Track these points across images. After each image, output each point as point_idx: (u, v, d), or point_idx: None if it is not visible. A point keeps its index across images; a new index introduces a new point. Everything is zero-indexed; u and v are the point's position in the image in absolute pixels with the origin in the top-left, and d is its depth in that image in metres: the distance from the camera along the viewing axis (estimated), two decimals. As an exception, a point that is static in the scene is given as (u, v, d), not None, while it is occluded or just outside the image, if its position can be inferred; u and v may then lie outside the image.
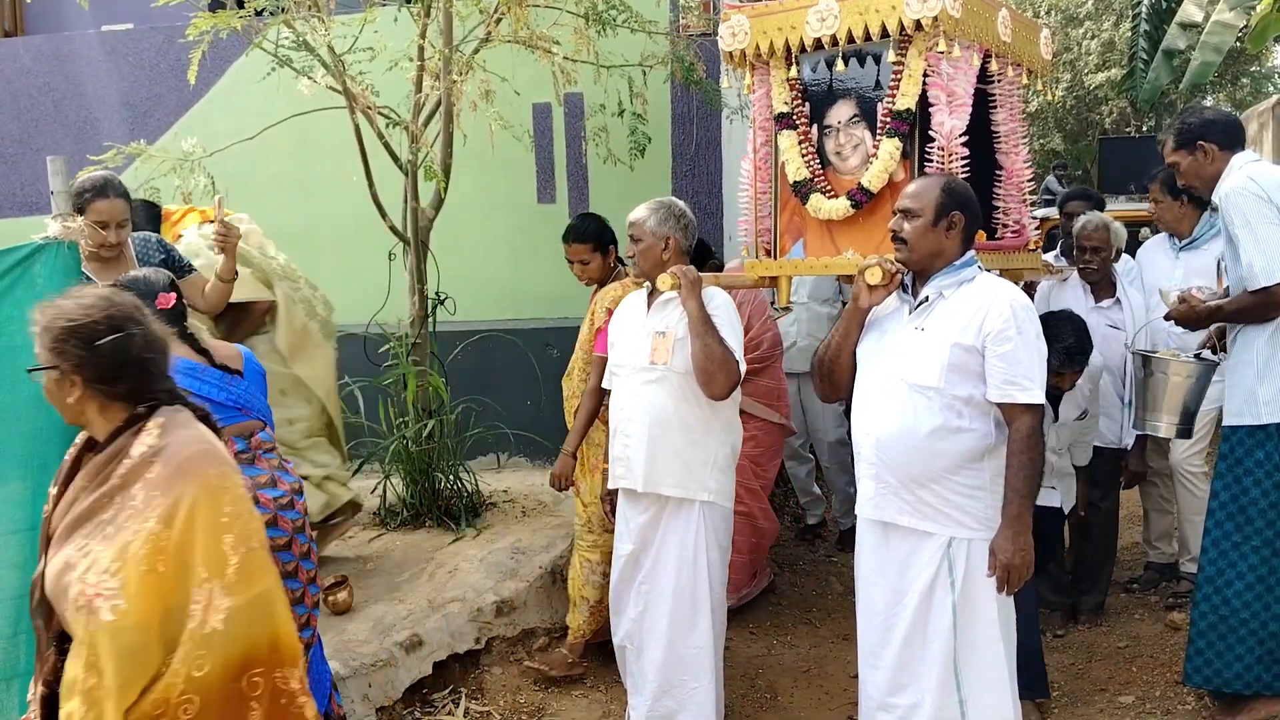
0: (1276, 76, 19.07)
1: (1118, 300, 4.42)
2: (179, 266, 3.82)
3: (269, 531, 2.61)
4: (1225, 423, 3.52)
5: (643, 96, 5.05)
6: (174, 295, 2.89)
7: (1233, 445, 3.43)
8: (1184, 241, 4.52)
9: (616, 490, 3.57)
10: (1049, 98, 4.93)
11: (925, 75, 3.08)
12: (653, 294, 3.45)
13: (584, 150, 5.60)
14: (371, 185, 4.66)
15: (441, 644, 3.89)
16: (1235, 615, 3.40)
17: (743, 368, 3.29)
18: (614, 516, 3.62)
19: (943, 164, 3.08)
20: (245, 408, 2.92)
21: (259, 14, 4.38)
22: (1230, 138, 3.44)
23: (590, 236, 4.22)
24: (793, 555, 5.53)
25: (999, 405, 2.83)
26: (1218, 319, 3.57)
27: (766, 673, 4.26)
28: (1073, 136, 20.37)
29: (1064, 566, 4.63)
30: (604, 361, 3.69)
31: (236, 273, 3.79)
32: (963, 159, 3.09)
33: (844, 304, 4.57)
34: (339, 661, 3.63)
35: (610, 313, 3.77)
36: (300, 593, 2.86)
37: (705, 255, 4.53)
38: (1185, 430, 3.86)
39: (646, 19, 4.86)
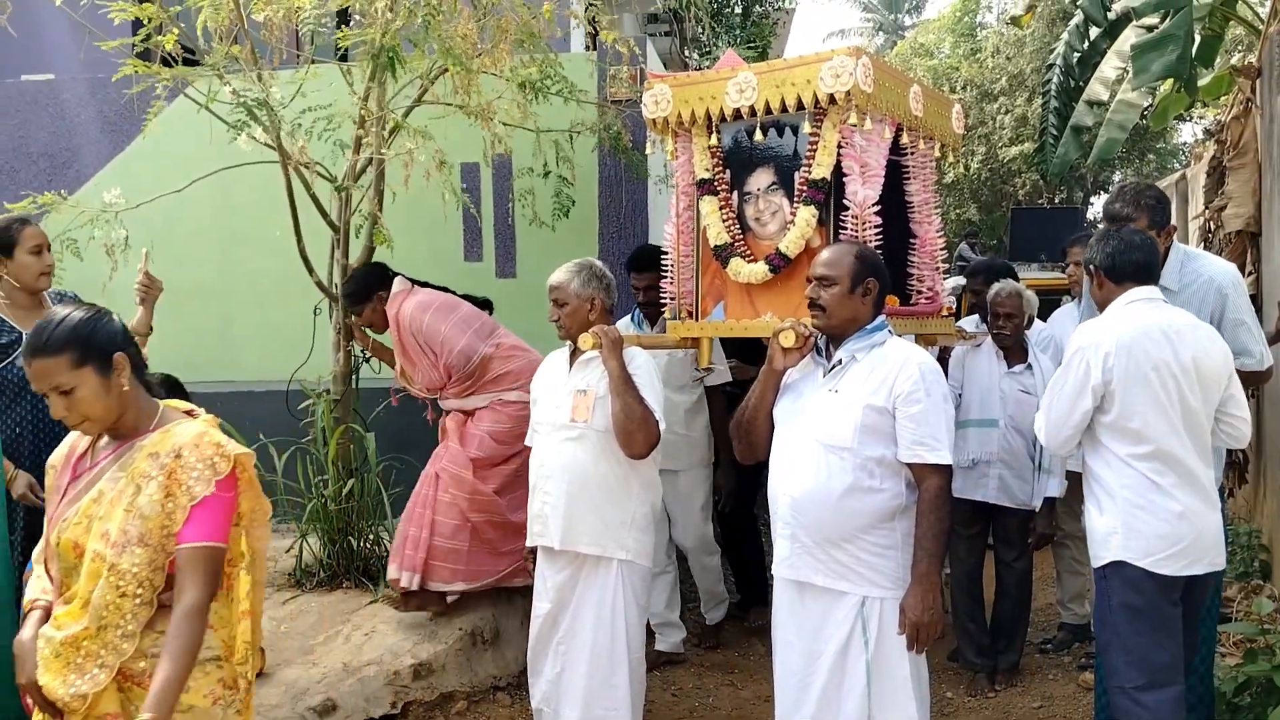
0: (1180, 154, 19.96)
1: (1029, 365, 4.56)
2: None
3: None
4: None
5: (570, 160, 5.13)
6: None
7: None
8: None
9: (535, 548, 3.56)
10: (962, 170, 5.11)
11: (840, 146, 3.19)
12: (575, 353, 3.48)
13: (510, 210, 5.65)
14: (300, 241, 4.64)
15: (356, 709, 3.80)
16: None
17: (662, 426, 3.32)
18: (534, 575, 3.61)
19: (856, 232, 3.18)
20: None
21: (187, 63, 4.37)
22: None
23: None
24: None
25: (909, 465, 2.91)
26: None
27: (689, 735, 4.24)
28: (987, 207, 21.04)
29: (984, 628, 4.70)
30: None
31: (152, 328, 3.74)
32: (876, 227, 3.20)
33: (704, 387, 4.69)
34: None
35: None
36: None
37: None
38: None
39: (576, 87, 4.95)
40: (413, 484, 5.14)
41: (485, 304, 4.72)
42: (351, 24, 4.49)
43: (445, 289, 4.61)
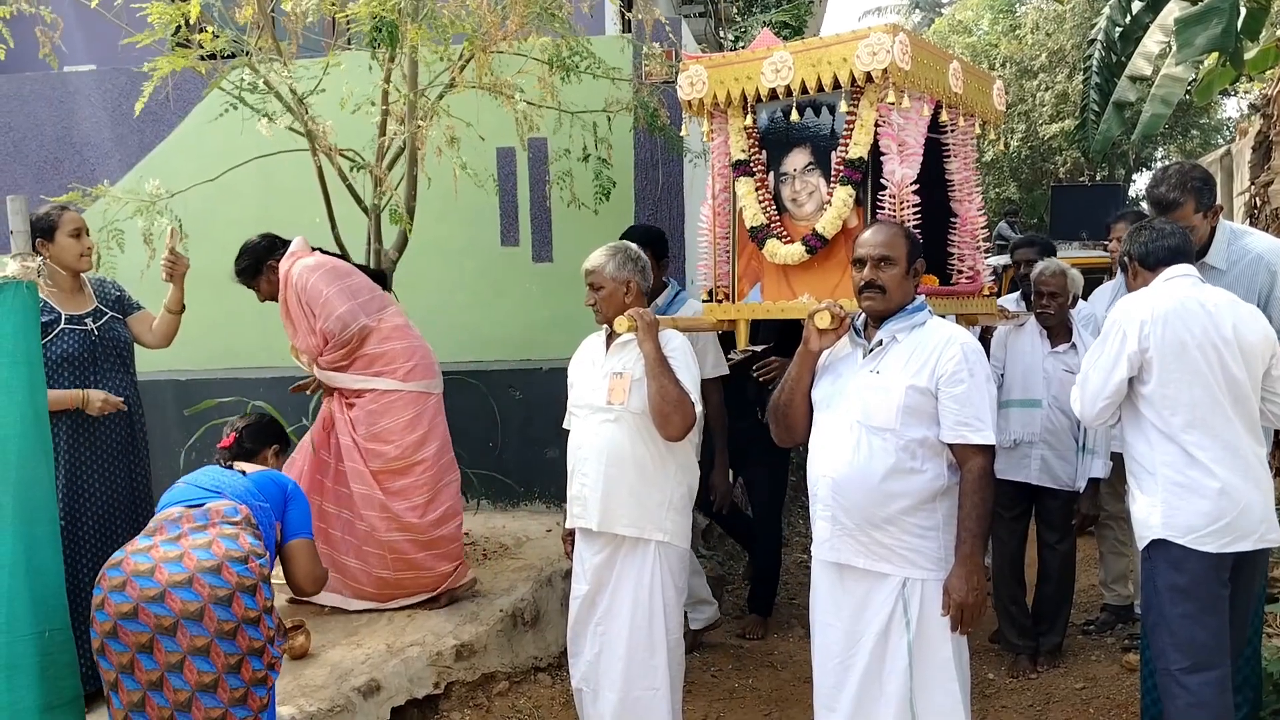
0: (1225, 129, 19.56)
1: (1073, 345, 4.50)
2: (129, 304, 3.89)
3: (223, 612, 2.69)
4: None
5: (607, 142, 5.12)
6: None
7: None
8: None
9: (574, 530, 3.58)
10: (1002, 148, 5.04)
11: (877, 125, 3.16)
12: (611, 335, 3.48)
13: (547, 194, 5.65)
14: (335, 227, 4.68)
15: (400, 689, 3.84)
16: None
17: (699, 409, 3.31)
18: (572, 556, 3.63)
19: (894, 211, 3.16)
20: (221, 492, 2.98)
21: (223, 57, 4.42)
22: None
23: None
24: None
25: (952, 446, 2.89)
26: None
27: (728, 715, 4.24)
28: (1028, 185, 20.76)
29: (1026, 610, 4.67)
30: None
31: (184, 305, 3.83)
32: (914, 206, 3.17)
33: None
34: (294, 707, 3.57)
35: None
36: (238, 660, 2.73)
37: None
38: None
39: (610, 66, 4.94)
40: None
41: (380, 277, 4.61)
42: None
43: (355, 263, 4.55)
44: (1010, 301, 4.85)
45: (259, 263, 4.39)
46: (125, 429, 3.76)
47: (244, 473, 3.04)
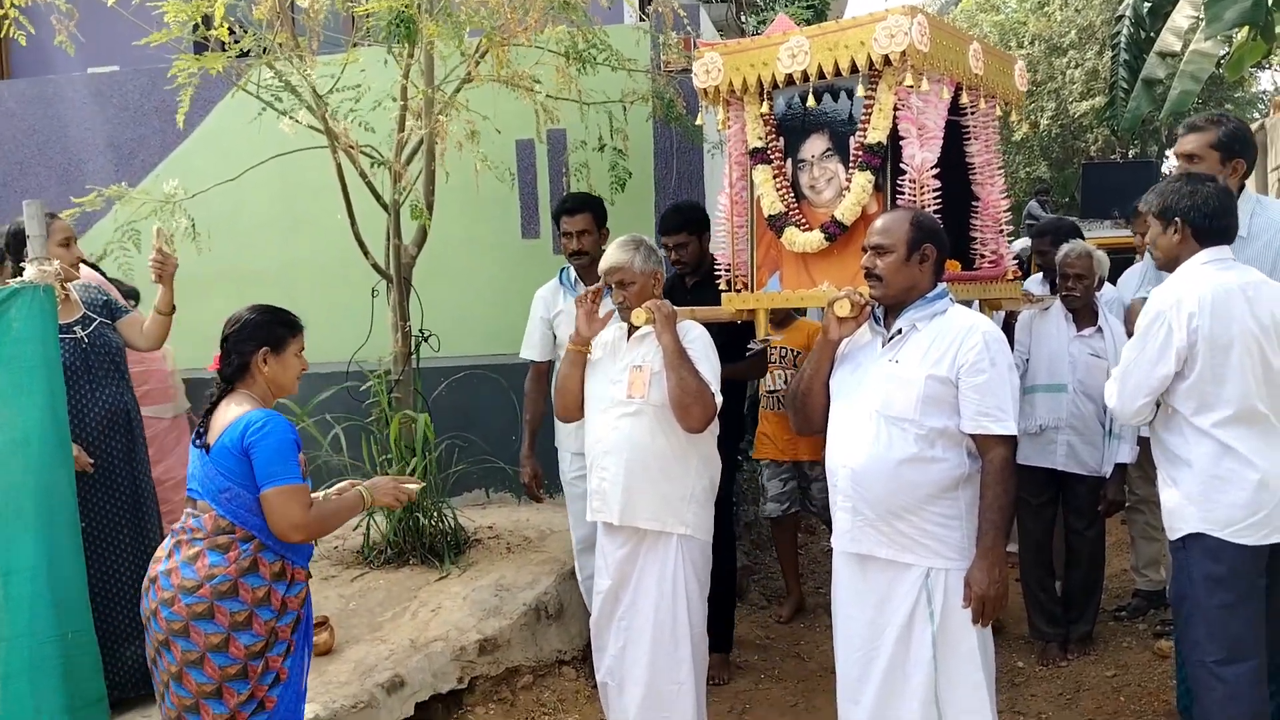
0: (1260, 103, 19.23)
1: (1100, 329, 4.43)
2: (117, 309, 3.84)
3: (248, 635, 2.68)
4: None
5: (624, 132, 5.08)
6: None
7: None
8: None
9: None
10: (1030, 127, 4.96)
11: (896, 109, 3.11)
12: (631, 328, 3.45)
13: (567, 185, 5.62)
14: (354, 223, 4.68)
15: (424, 684, 3.85)
16: None
17: (718, 400, 3.28)
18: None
19: (915, 196, 3.11)
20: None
21: (242, 55, 4.42)
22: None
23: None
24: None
25: (973, 436, 2.85)
26: None
27: (755, 707, 4.23)
28: (1058, 164, 20.50)
29: (1056, 597, 4.62)
30: None
31: (174, 306, 3.76)
32: (935, 190, 3.12)
33: None
34: (319, 704, 3.58)
35: None
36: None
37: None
38: None
39: (626, 57, 4.90)
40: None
41: (132, 294, 4.53)
42: None
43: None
44: (1035, 284, 4.78)
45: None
46: (125, 435, 3.73)
47: (208, 448, 2.75)
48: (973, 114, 3.41)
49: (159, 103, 6.08)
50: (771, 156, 3.42)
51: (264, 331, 2.83)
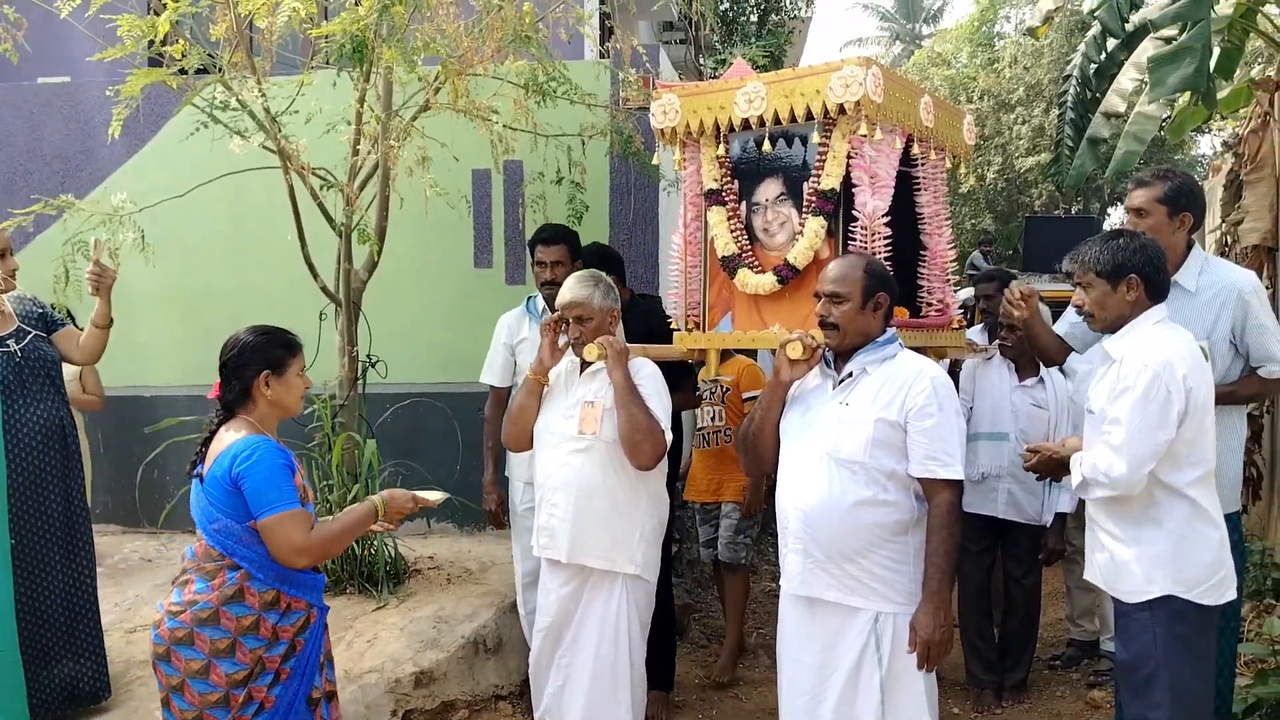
0: (1199, 165, 19.83)
1: (1041, 379, 4.51)
2: (53, 321, 3.77)
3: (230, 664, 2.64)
4: None
5: (581, 166, 5.11)
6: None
7: None
8: None
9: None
10: (977, 180, 5.06)
11: (849, 157, 3.16)
12: (583, 364, 3.45)
13: (522, 216, 5.63)
14: (304, 246, 4.63)
15: (357, 716, 3.77)
16: None
17: (669, 438, 3.28)
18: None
19: (866, 243, 3.15)
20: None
21: (197, 73, 4.38)
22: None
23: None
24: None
25: (920, 480, 2.88)
26: (1232, 401, 3.37)
27: (692, 748, 4.21)
28: (1003, 217, 20.96)
29: (992, 644, 4.66)
30: None
31: (111, 319, 3.70)
32: (885, 238, 3.17)
33: None
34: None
35: None
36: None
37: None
38: None
39: (585, 91, 4.93)
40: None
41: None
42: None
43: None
44: (976, 334, 4.86)
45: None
46: (60, 451, 3.65)
47: (201, 477, 2.74)
48: (923, 165, 3.48)
49: (109, 116, 5.95)
50: (726, 198, 3.45)
51: (263, 354, 2.75)
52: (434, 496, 2.97)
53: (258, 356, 2.74)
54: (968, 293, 7.30)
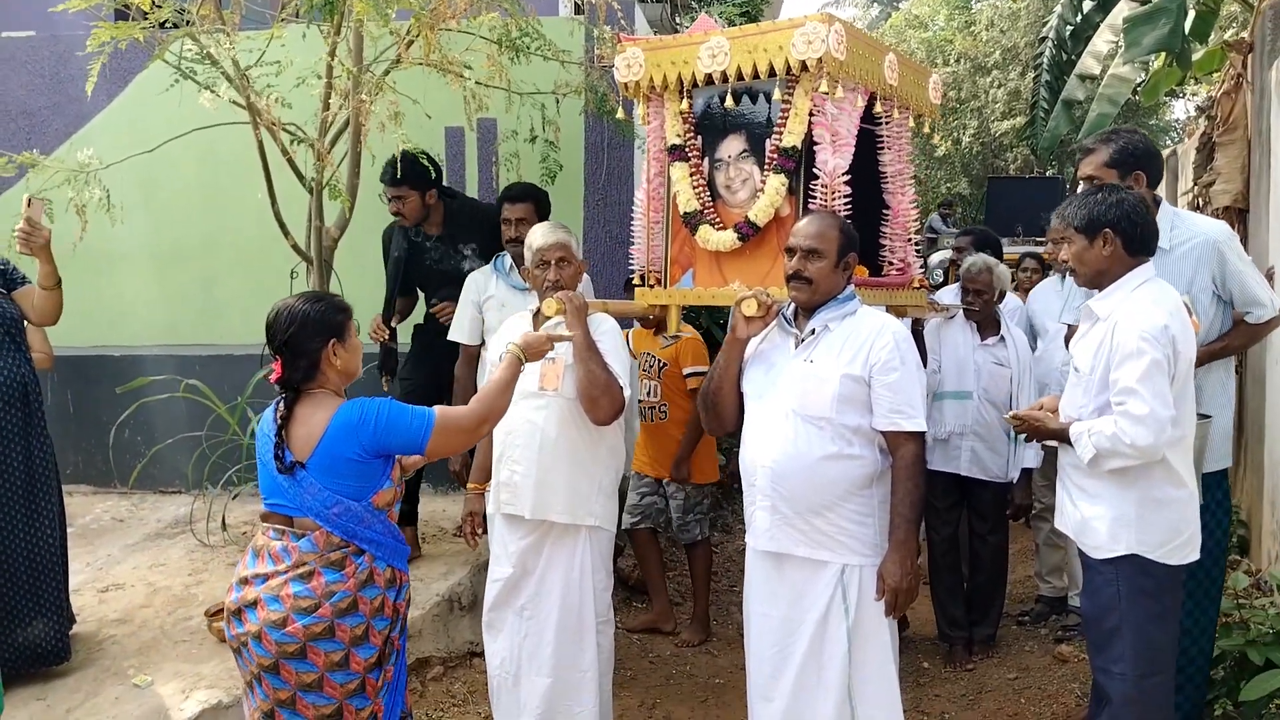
0: (1173, 130, 19.84)
1: (1002, 338, 4.56)
2: (13, 278, 3.71)
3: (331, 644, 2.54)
4: None
5: (555, 124, 5.08)
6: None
7: None
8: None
9: (475, 512, 3.59)
10: (953, 144, 5.07)
11: (811, 114, 3.16)
12: (536, 316, 3.45)
13: (496, 175, 5.60)
14: (275, 203, 4.61)
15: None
16: None
17: (628, 394, 3.30)
18: (474, 538, 3.64)
19: (826, 201, 3.16)
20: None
21: (162, 26, 4.32)
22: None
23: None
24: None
25: (885, 433, 2.92)
26: (1226, 354, 3.42)
27: (665, 701, 4.25)
28: (978, 181, 20.88)
29: (961, 600, 4.72)
30: None
31: (59, 279, 3.61)
32: (846, 196, 3.18)
33: None
34: (223, 690, 3.54)
35: None
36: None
37: None
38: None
39: (560, 48, 4.90)
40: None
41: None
42: None
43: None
44: (950, 293, 4.89)
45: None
46: (21, 410, 3.60)
47: (295, 467, 2.58)
48: (886, 124, 3.48)
49: (75, 70, 5.91)
50: (689, 154, 3.45)
51: (326, 322, 2.64)
52: (566, 333, 3.09)
53: (322, 327, 2.62)
54: (943, 254, 7.33)
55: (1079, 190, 3.26)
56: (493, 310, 4.33)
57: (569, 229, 3.50)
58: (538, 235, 3.47)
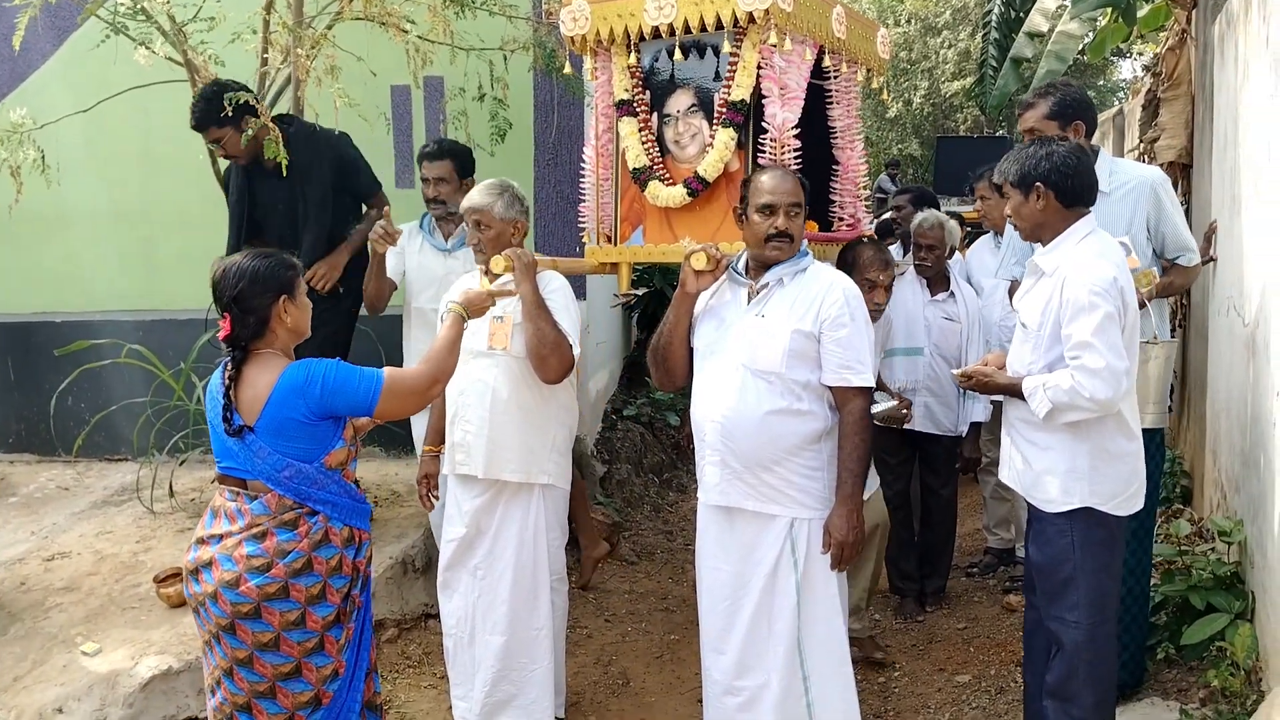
0: (1121, 90, 20.06)
1: (952, 294, 4.60)
2: None
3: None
4: None
5: (504, 81, 5.00)
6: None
7: None
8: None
9: (430, 474, 3.58)
10: (904, 104, 5.06)
11: (759, 68, 3.14)
12: (488, 276, 3.41)
13: (443, 134, 5.51)
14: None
15: (280, 635, 3.79)
16: None
17: (577, 352, 3.28)
18: (430, 500, 3.63)
19: (775, 155, 3.15)
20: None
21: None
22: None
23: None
24: (650, 544, 5.59)
25: (833, 389, 2.94)
26: (1170, 293, 3.57)
27: (620, 659, 4.29)
28: (930, 142, 21.01)
29: (912, 553, 4.79)
30: None
31: None
32: (795, 150, 3.17)
33: None
34: (173, 656, 3.52)
35: None
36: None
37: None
38: (1163, 414, 3.45)
39: (507, 3, 4.81)
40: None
41: None
42: None
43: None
44: (892, 251, 4.92)
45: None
46: None
47: (243, 431, 2.54)
48: (835, 78, 3.47)
49: (6, 30, 5.71)
50: (637, 109, 3.42)
51: (276, 278, 2.57)
52: (510, 287, 3.07)
53: (272, 282, 2.55)
54: (887, 217, 7.36)
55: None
56: (411, 259, 4.37)
57: (503, 188, 3.40)
58: (466, 195, 3.45)
